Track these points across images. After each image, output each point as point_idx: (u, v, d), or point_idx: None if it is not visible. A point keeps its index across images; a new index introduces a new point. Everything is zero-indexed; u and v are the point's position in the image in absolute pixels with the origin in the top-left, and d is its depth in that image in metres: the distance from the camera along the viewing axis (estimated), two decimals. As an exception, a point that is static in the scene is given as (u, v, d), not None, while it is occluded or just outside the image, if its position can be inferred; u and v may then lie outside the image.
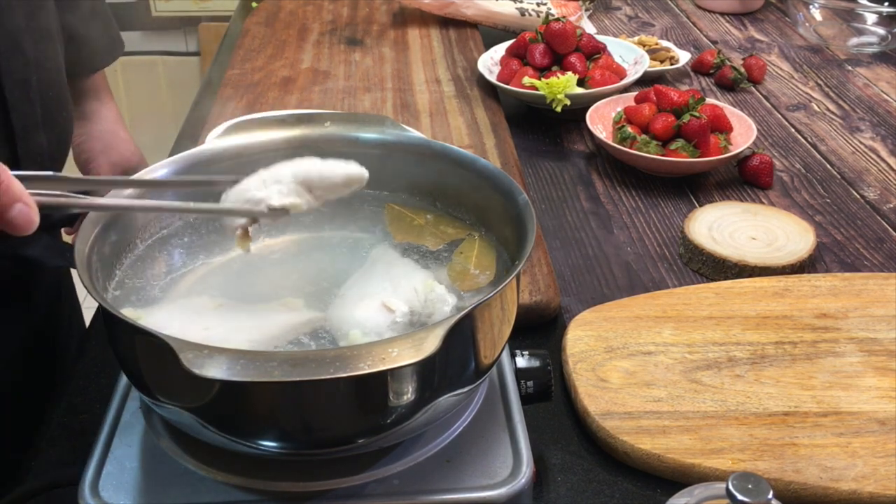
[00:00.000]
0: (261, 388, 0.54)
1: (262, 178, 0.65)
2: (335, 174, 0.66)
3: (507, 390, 0.69)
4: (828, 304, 0.90)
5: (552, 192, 1.19)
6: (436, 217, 0.77)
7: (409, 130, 0.78)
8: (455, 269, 0.72)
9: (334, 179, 0.66)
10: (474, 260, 0.72)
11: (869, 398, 0.78)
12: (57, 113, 0.94)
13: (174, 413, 0.61)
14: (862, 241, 1.08)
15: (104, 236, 0.67)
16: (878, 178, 1.23)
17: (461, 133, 1.26)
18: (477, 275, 0.70)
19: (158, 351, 0.52)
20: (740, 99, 1.48)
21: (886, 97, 1.48)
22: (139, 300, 0.68)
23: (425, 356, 0.51)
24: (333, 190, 0.67)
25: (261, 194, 0.64)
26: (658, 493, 0.73)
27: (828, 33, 1.73)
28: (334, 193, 0.67)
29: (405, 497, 0.60)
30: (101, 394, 0.81)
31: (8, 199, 0.55)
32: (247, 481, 0.60)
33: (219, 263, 0.73)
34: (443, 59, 1.54)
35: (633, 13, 1.88)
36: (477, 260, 0.72)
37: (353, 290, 0.69)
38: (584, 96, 1.32)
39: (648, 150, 1.17)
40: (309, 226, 0.77)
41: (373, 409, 0.57)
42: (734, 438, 0.74)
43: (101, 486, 0.60)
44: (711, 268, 0.99)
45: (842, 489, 0.70)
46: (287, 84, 1.43)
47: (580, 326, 0.87)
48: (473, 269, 0.71)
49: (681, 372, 0.81)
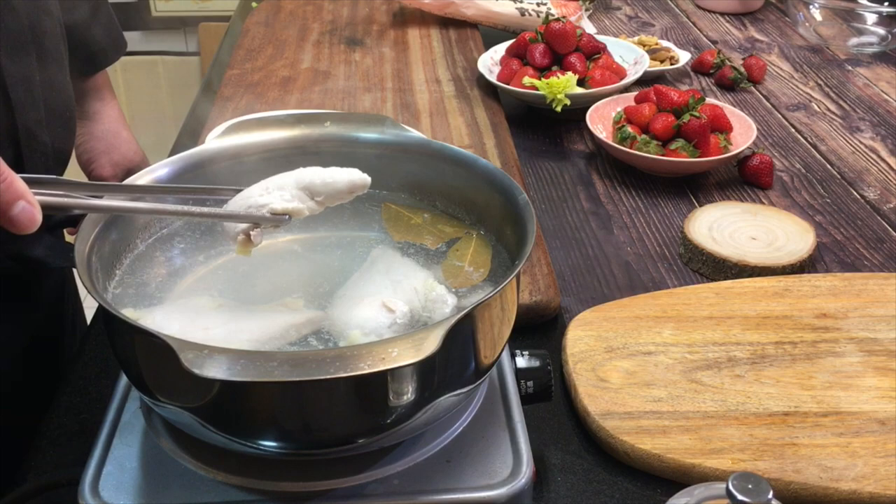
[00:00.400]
0: (261, 388, 0.54)
1: (265, 185, 0.66)
2: (338, 181, 0.66)
3: (507, 390, 0.69)
4: (828, 304, 0.90)
5: (552, 192, 1.19)
6: (433, 216, 0.77)
7: (408, 130, 0.78)
8: (449, 265, 0.72)
9: (337, 186, 0.66)
10: (469, 258, 0.72)
11: (869, 398, 0.78)
12: (61, 112, 0.94)
13: (174, 413, 0.61)
14: (862, 241, 1.08)
15: (104, 236, 0.67)
16: (878, 178, 1.23)
17: (461, 133, 1.26)
18: (470, 272, 0.70)
19: (158, 351, 0.52)
20: (740, 99, 1.48)
21: (886, 97, 1.48)
22: (139, 300, 0.68)
23: (425, 356, 0.51)
24: (336, 196, 0.67)
25: (263, 200, 0.65)
26: (658, 493, 0.73)
27: (828, 33, 1.73)
28: (337, 200, 0.67)
29: (405, 497, 0.60)
30: (101, 394, 0.81)
31: (10, 196, 0.55)
32: (247, 481, 0.60)
33: (219, 263, 0.73)
34: (443, 59, 1.54)
35: (633, 13, 1.88)
36: (472, 258, 0.72)
37: (353, 290, 0.69)
38: (584, 96, 1.32)
39: (648, 150, 1.17)
40: (309, 226, 0.77)
41: (373, 409, 0.57)
42: (734, 438, 0.74)
43: (101, 486, 0.60)
44: (711, 268, 0.99)
45: (842, 489, 0.70)
46: (287, 84, 1.43)
47: (580, 326, 0.87)
48: (467, 267, 0.71)
49: (681, 372, 0.81)
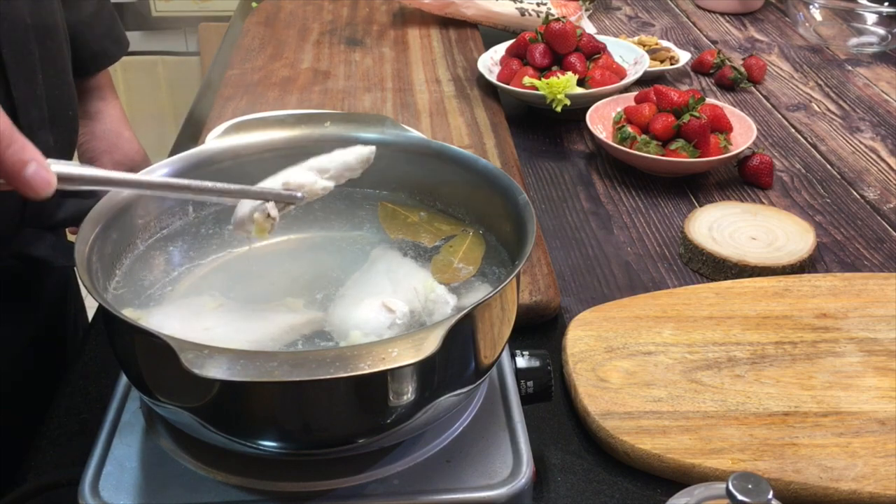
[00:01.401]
0: (261, 388, 0.54)
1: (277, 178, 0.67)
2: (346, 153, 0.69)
3: (507, 390, 0.69)
4: (828, 304, 0.90)
5: (552, 192, 1.19)
6: (430, 214, 0.77)
7: (408, 130, 0.78)
8: (439, 261, 0.72)
9: (346, 157, 0.69)
10: (461, 254, 0.72)
11: (869, 398, 0.78)
12: (63, 111, 0.94)
13: (174, 413, 0.61)
14: (862, 241, 1.08)
15: (104, 236, 0.67)
16: (878, 178, 1.23)
17: (461, 133, 1.26)
18: (459, 269, 0.71)
19: (158, 351, 0.52)
20: (740, 99, 1.48)
21: (886, 97, 1.48)
22: (139, 300, 0.68)
23: (425, 356, 0.51)
24: (346, 169, 0.69)
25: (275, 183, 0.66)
26: (658, 493, 0.73)
27: (828, 33, 1.73)
28: (346, 173, 0.69)
29: (405, 497, 0.60)
30: (101, 394, 0.81)
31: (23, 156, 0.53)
32: (247, 481, 0.60)
33: (219, 263, 0.73)
34: (443, 59, 1.54)
35: (633, 13, 1.88)
36: (463, 254, 0.72)
37: (353, 290, 0.69)
38: (584, 96, 1.32)
39: (648, 150, 1.17)
40: (309, 226, 0.77)
41: (373, 409, 0.57)
42: (734, 438, 0.74)
43: (101, 486, 0.60)
44: (711, 268, 0.99)
45: (842, 489, 0.70)
46: (287, 84, 1.43)
47: (580, 326, 0.87)
48: (458, 263, 0.71)
49: (681, 372, 0.81)
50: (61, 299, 1.07)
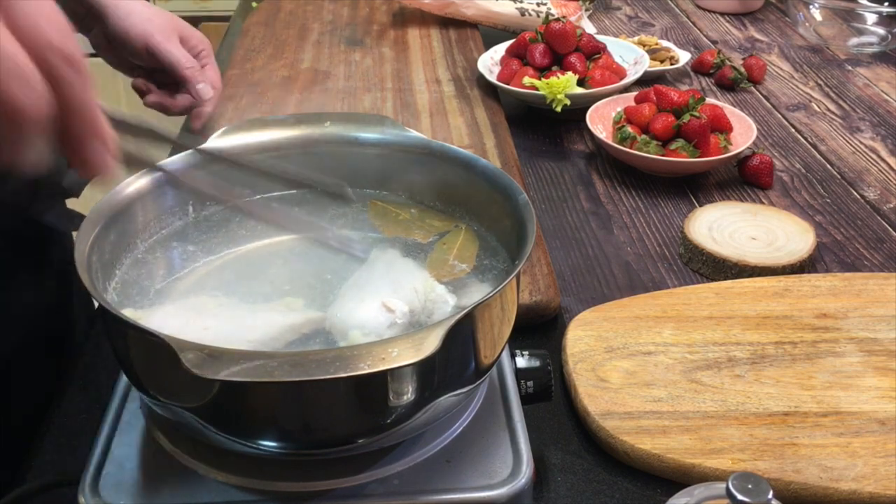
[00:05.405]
0: (261, 388, 0.54)
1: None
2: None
3: (507, 390, 0.69)
4: (828, 304, 0.90)
5: (552, 192, 1.19)
6: (420, 211, 0.78)
7: (408, 130, 0.78)
8: (434, 258, 0.72)
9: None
10: (455, 251, 0.72)
11: (869, 398, 0.78)
12: None
13: (174, 413, 0.61)
14: (862, 241, 1.08)
15: (104, 236, 0.67)
16: (878, 178, 1.23)
17: (461, 133, 1.26)
18: (454, 266, 0.71)
19: (158, 351, 0.51)
20: (740, 99, 1.48)
21: (886, 97, 1.49)
22: (139, 300, 0.68)
23: (425, 356, 0.51)
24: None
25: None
26: (658, 493, 0.73)
27: (828, 33, 1.73)
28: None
29: (405, 497, 0.60)
30: (101, 394, 0.81)
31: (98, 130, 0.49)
32: (247, 481, 0.60)
33: (219, 263, 0.73)
34: (443, 59, 1.54)
35: (633, 13, 1.88)
36: (458, 251, 0.72)
37: (353, 290, 0.69)
38: (584, 96, 1.32)
39: (648, 150, 1.17)
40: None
41: (373, 409, 0.57)
42: (734, 438, 0.74)
43: (100, 486, 0.60)
44: (711, 268, 0.99)
45: (842, 489, 0.70)
46: (287, 84, 1.43)
47: (580, 326, 0.87)
48: (452, 260, 0.71)
49: (681, 372, 0.81)
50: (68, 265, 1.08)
